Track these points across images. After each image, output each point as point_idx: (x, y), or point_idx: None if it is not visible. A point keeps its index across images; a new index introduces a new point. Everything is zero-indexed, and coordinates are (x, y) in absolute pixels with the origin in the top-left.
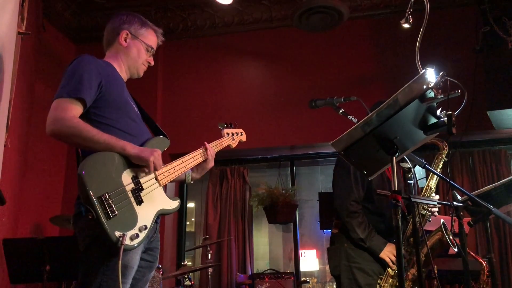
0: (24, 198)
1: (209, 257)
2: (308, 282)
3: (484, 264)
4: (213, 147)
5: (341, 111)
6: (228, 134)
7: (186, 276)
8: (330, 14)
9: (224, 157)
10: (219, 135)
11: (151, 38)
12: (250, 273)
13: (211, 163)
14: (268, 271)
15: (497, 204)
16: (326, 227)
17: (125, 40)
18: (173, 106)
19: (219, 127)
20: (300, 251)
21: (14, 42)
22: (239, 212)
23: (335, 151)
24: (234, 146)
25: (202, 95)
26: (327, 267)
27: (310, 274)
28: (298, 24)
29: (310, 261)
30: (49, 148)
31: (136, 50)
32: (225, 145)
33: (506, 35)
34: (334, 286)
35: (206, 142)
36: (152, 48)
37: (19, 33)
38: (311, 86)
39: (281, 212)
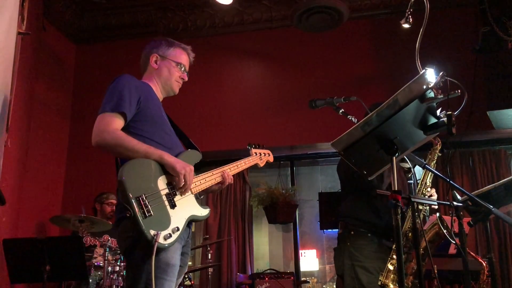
0: (24, 198)
1: (209, 257)
2: (308, 282)
3: (484, 264)
4: (242, 164)
5: (341, 111)
6: (256, 153)
7: (186, 276)
8: (330, 14)
9: (224, 157)
10: (219, 135)
11: (179, 56)
12: (250, 273)
13: (221, 188)
14: (268, 271)
15: (497, 204)
16: (326, 227)
17: (156, 63)
18: (173, 106)
19: (247, 147)
20: (300, 251)
21: (14, 42)
22: (239, 212)
23: (335, 151)
24: (261, 165)
25: (202, 95)
26: (327, 267)
27: (310, 274)
28: (298, 24)
29: (310, 261)
30: (49, 148)
31: (166, 70)
32: (252, 163)
33: (506, 35)
34: (334, 286)
35: (223, 168)
36: (182, 64)
37: (19, 33)
38: (311, 86)
39: (281, 212)
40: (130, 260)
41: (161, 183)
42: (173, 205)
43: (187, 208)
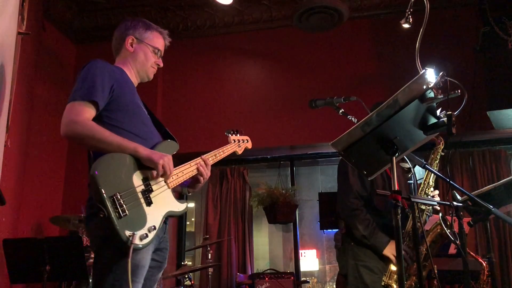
0: (24, 198)
1: (209, 257)
2: (308, 282)
3: (484, 264)
4: (220, 153)
5: (341, 111)
6: (234, 141)
7: (186, 276)
8: (330, 14)
9: (224, 157)
10: (219, 135)
11: (156, 40)
12: (250, 273)
13: (203, 180)
14: (268, 271)
15: (497, 204)
16: (326, 227)
17: (131, 45)
18: (173, 106)
19: (226, 133)
20: (300, 251)
21: (14, 42)
22: (239, 212)
23: (335, 151)
24: (240, 152)
25: (202, 95)
26: (327, 267)
27: (310, 274)
28: (298, 24)
29: (310, 261)
30: (49, 148)
31: (143, 54)
32: (231, 151)
33: (506, 35)
34: (334, 286)
35: (198, 159)
36: (158, 49)
37: (19, 33)
38: (311, 86)
39: (281, 212)
40: (98, 259)
41: (136, 179)
42: (149, 203)
43: (163, 205)
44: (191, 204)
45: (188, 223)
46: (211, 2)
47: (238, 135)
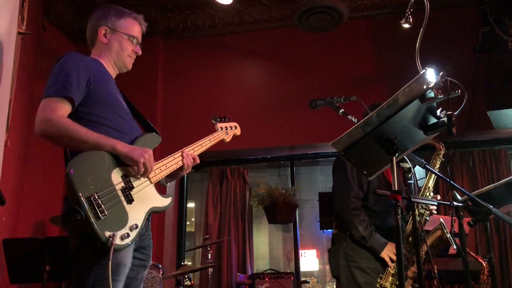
0: (24, 198)
1: (209, 257)
2: (308, 282)
3: (484, 264)
4: (206, 142)
5: (341, 111)
6: (222, 128)
7: (186, 276)
8: (330, 14)
9: (224, 157)
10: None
11: (131, 27)
12: (250, 273)
13: (185, 171)
14: (268, 271)
15: (497, 204)
16: (326, 227)
17: (105, 36)
18: (173, 106)
19: (212, 121)
20: (300, 251)
21: (14, 42)
22: (239, 212)
23: (335, 151)
24: (228, 140)
25: (202, 95)
26: (327, 267)
27: (310, 274)
28: (298, 24)
29: (310, 261)
30: (49, 148)
31: (118, 44)
32: (218, 139)
33: (506, 35)
34: (334, 286)
35: (184, 150)
36: (134, 37)
37: (19, 33)
38: (311, 86)
39: (281, 212)
40: (78, 258)
41: (116, 176)
42: (130, 200)
43: (146, 201)
44: (191, 204)
45: (188, 223)
46: (211, 2)
47: (225, 121)
